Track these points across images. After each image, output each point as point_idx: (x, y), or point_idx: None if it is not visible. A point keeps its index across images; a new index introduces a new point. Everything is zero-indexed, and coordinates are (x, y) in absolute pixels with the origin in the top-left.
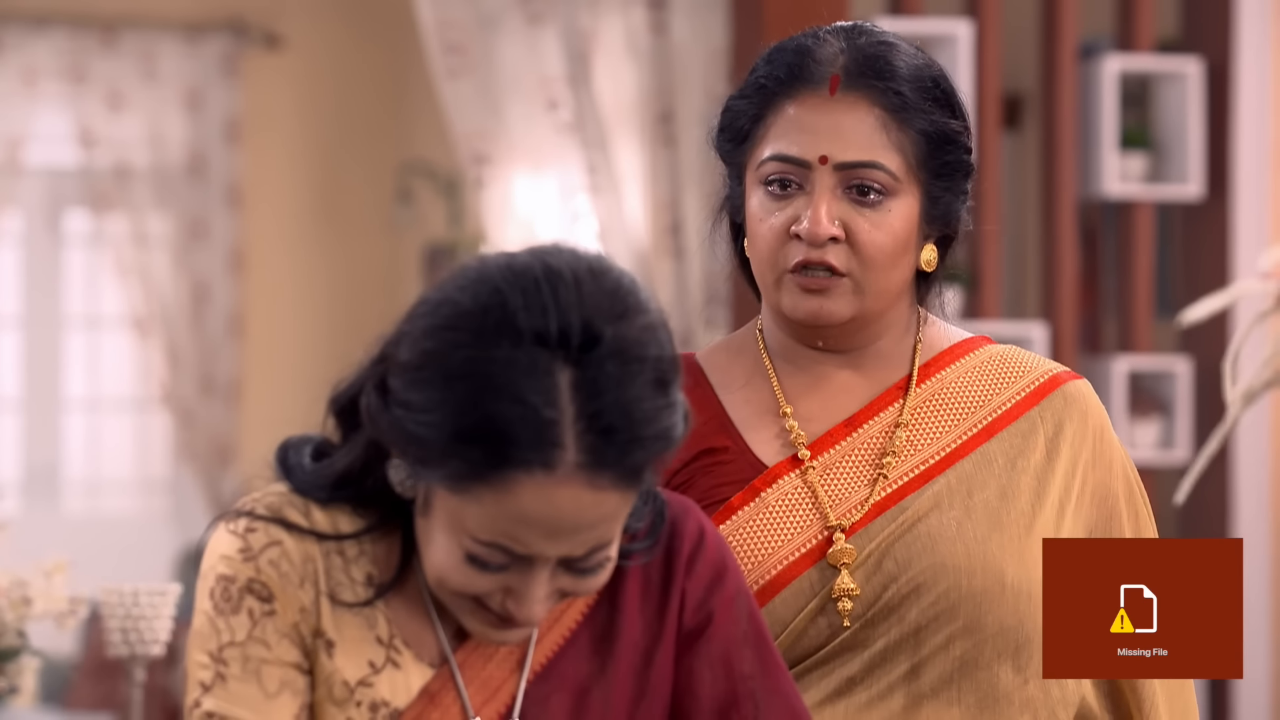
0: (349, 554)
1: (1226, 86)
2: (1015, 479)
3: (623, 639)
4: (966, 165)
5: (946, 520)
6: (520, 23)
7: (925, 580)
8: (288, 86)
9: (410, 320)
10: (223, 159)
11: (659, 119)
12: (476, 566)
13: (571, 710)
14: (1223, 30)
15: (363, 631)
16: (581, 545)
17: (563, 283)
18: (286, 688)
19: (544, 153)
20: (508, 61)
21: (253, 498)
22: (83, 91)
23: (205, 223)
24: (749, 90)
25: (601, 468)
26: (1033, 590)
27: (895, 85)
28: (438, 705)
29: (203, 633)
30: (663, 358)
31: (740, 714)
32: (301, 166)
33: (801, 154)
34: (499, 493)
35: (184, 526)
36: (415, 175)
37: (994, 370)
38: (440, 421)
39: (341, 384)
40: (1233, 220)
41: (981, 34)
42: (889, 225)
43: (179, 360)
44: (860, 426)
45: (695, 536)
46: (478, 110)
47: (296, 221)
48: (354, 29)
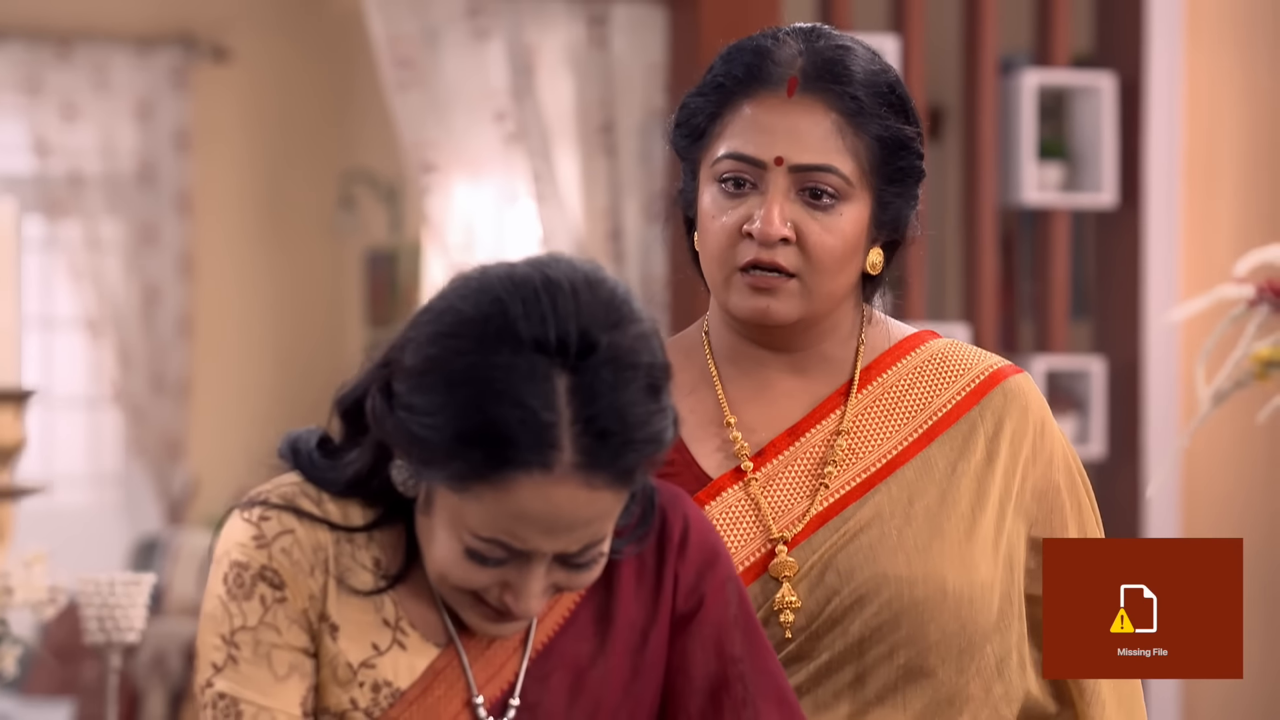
0: (358, 540)
1: (1138, 100)
2: (956, 483)
3: (619, 620)
4: (918, 171)
5: (888, 530)
6: (467, 37)
7: (867, 591)
8: (235, 98)
9: (414, 327)
10: (172, 167)
11: (599, 130)
12: (476, 562)
13: (570, 688)
14: (1135, 47)
15: (368, 615)
16: (577, 542)
17: (561, 293)
18: (295, 671)
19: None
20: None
21: (266, 488)
22: (38, 102)
23: (155, 228)
24: (707, 88)
25: (596, 468)
26: (974, 595)
27: (852, 90)
28: (443, 682)
29: (215, 616)
30: (655, 365)
31: (730, 694)
32: (248, 174)
33: (757, 154)
34: (499, 491)
35: (135, 519)
36: (357, 183)
37: (934, 369)
38: (443, 424)
39: (345, 386)
40: (1144, 227)
41: (906, 49)
42: (839, 229)
43: (130, 360)
44: (802, 435)
45: (685, 523)
46: (426, 121)
47: (243, 227)
48: (299, 43)
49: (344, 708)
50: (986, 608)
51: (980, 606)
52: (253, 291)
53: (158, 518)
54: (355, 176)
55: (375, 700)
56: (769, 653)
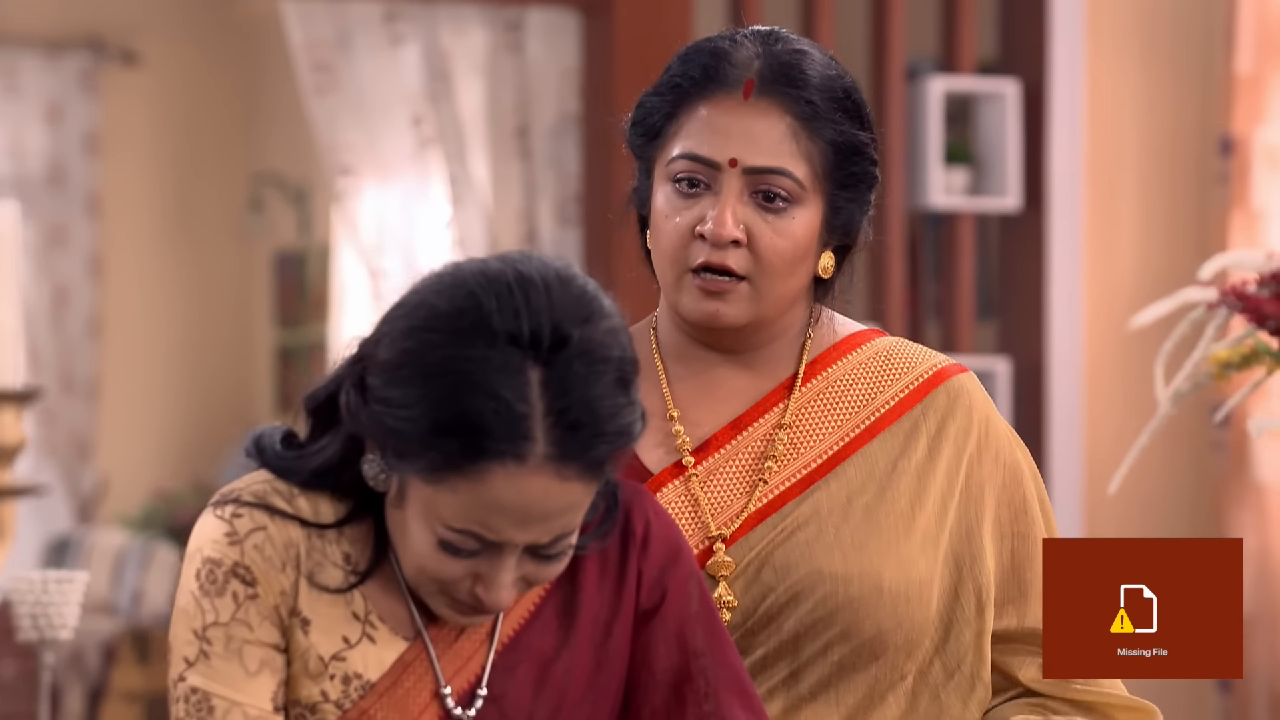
0: (329, 536)
1: (1042, 106)
2: (896, 480)
3: (583, 614)
4: (871, 177)
5: (825, 527)
6: (383, 42)
7: (803, 589)
8: (144, 101)
9: (388, 322)
10: (82, 169)
11: (515, 133)
12: (449, 553)
13: (536, 680)
14: (1038, 54)
15: (338, 609)
16: (548, 533)
17: (534, 288)
18: (266, 666)
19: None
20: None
21: (238, 486)
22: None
23: (65, 230)
24: (663, 88)
25: (568, 459)
26: (910, 592)
27: (807, 94)
28: (411, 675)
29: (188, 611)
30: (624, 359)
31: (693, 686)
32: (157, 177)
33: (711, 154)
34: (473, 482)
35: (45, 519)
36: (266, 185)
37: (879, 366)
38: (419, 416)
39: (316, 384)
40: (1048, 230)
41: None
42: (791, 232)
43: (40, 360)
44: (745, 429)
45: (647, 520)
46: (343, 125)
47: (152, 229)
48: (207, 47)
49: (315, 700)
50: (924, 604)
51: (917, 604)
52: (162, 292)
53: (68, 517)
54: (264, 179)
55: (346, 692)
56: (730, 646)
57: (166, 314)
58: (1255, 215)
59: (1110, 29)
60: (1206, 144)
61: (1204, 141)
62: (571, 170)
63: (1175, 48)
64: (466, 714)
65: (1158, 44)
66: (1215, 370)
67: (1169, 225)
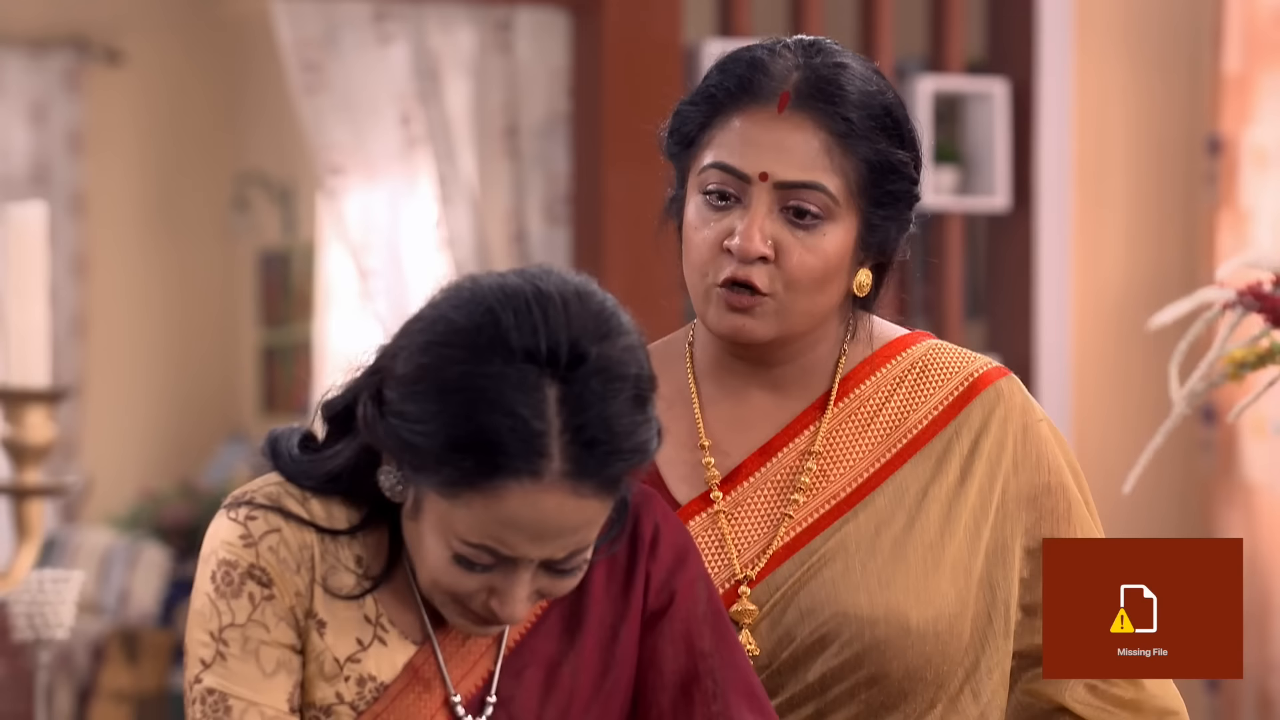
0: (341, 538)
1: (1030, 106)
2: (926, 508)
3: (590, 618)
4: (909, 195)
5: (852, 564)
6: (372, 42)
7: (828, 632)
8: (128, 100)
9: (406, 335)
10: (66, 168)
11: (503, 133)
12: (464, 567)
13: (543, 684)
14: (1026, 54)
15: (352, 611)
16: (563, 549)
17: (552, 304)
18: (282, 668)
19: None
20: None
21: (251, 487)
22: None
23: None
24: (699, 97)
25: (584, 477)
26: (939, 628)
27: (843, 110)
28: (420, 679)
29: (204, 613)
30: (641, 376)
31: (700, 688)
32: (141, 176)
33: (742, 166)
34: (489, 498)
35: None
36: (250, 184)
37: (913, 380)
38: (435, 431)
39: (333, 392)
40: (1036, 229)
41: None
42: (821, 249)
43: None
44: (774, 455)
45: (656, 524)
46: (333, 124)
47: (137, 228)
48: (192, 45)
49: (330, 701)
50: (955, 637)
51: (947, 639)
52: (146, 292)
53: (53, 516)
54: (248, 178)
55: (360, 694)
56: (738, 648)
57: (151, 313)
58: (1243, 215)
59: (1098, 29)
60: (1194, 144)
61: (1192, 141)
62: (560, 170)
63: (1163, 48)
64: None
65: (1146, 44)
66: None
67: (1157, 225)
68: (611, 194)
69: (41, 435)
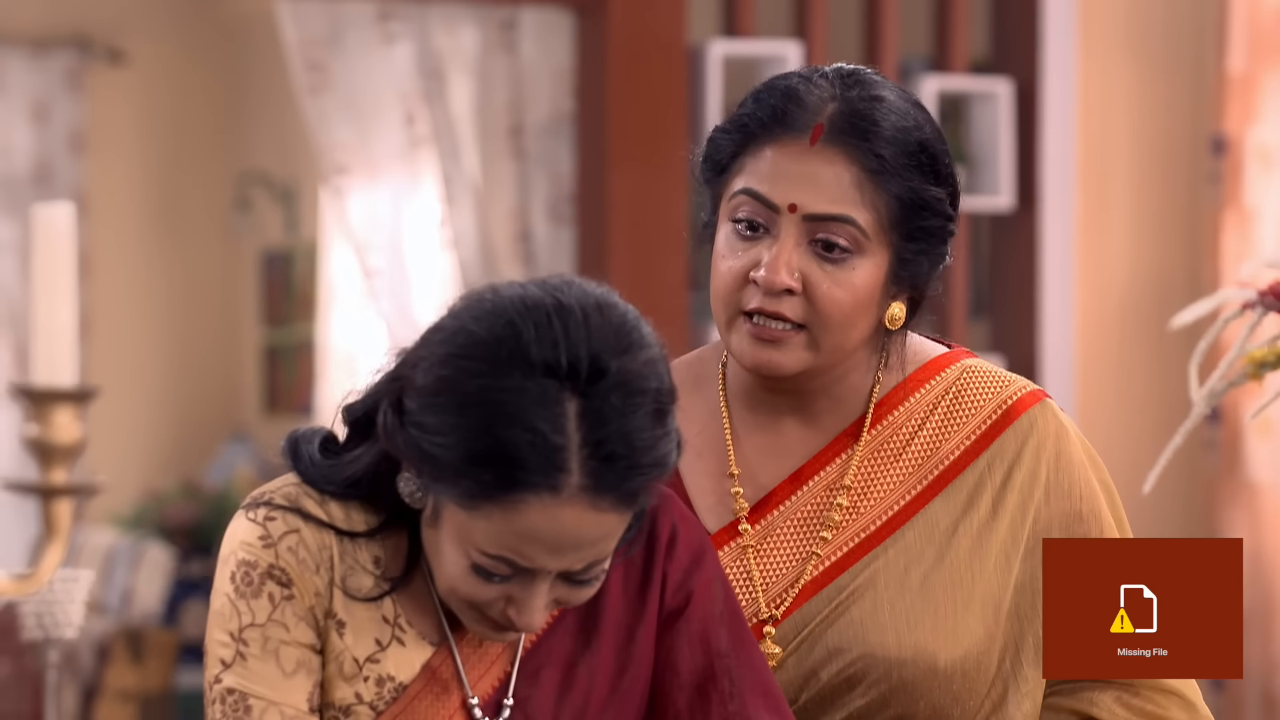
0: (360, 540)
1: (1034, 105)
2: (956, 543)
3: (606, 618)
4: (942, 231)
5: (880, 603)
6: (377, 41)
7: (855, 673)
8: (130, 100)
9: (426, 345)
10: (68, 168)
11: (508, 133)
12: (481, 577)
13: (560, 684)
14: (1030, 53)
15: (371, 611)
16: (581, 560)
17: (572, 318)
18: (302, 667)
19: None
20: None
21: (270, 488)
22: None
23: None
24: (732, 125)
25: (603, 491)
26: (966, 667)
27: (876, 147)
28: (438, 680)
29: (224, 613)
30: (661, 390)
31: (717, 688)
32: (144, 176)
33: (772, 196)
34: (507, 511)
35: (31, 517)
36: (252, 184)
37: (948, 405)
38: (454, 444)
39: (354, 396)
40: (1040, 229)
41: (809, 55)
42: (850, 283)
43: (27, 359)
44: (805, 484)
45: (673, 524)
46: (338, 124)
47: (139, 228)
48: (193, 45)
49: (349, 702)
50: (983, 673)
51: (975, 676)
52: (149, 291)
53: None
54: (250, 178)
55: (379, 694)
56: (754, 648)
57: (153, 313)
58: (1247, 214)
59: (1102, 28)
60: (1198, 143)
61: (1196, 141)
62: (565, 169)
63: (1167, 47)
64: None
65: (1150, 44)
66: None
67: (1161, 224)
68: (616, 193)
69: (69, 435)
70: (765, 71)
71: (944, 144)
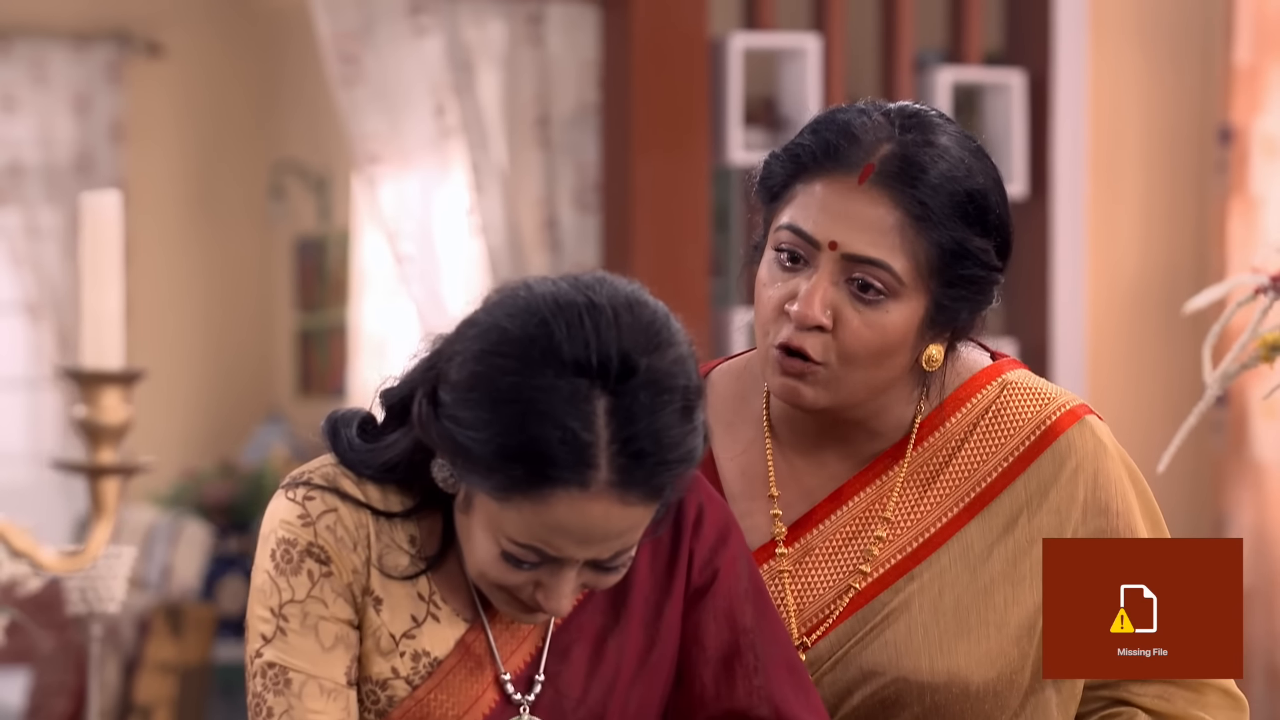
0: (396, 520)
1: (1046, 96)
2: (990, 566)
3: (634, 595)
4: (984, 280)
5: (914, 626)
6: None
7: (888, 696)
8: (169, 91)
9: (461, 339)
10: (108, 158)
11: (535, 123)
12: (511, 564)
13: (590, 659)
14: (1043, 45)
15: (406, 589)
16: (608, 550)
17: (603, 316)
18: (340, 642)
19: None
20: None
21: (309, 468)
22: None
23: None
24: (786, 154)
25: (631, 486)
26: (999, 686)
27: (922, 195)
28: (472, 655)
29: (264, 590)
30: (690, 387)
31: (742, 662)
32: (181, 165)
33: (813, 232)
34: (537, 504)
35: (74, 497)
36: (287, 173)
37: (987, 426)
38: (487, 439)
39: (392, 382)
40: (1052, 217)
41: (828, 48)
42: (881, 325)
43: (68, 343)
44: (843, 505)
45: (700, 503)
46: (369, 115)
47: (177, 216)
48: (230, 38)
49: (386, 676)
50: (1015, 689)
51: (1007, 693)
52: (186, 277)
53: None
54: (285, 167)
55: (415, 669)
56: (778, 623)
57: (191, 298)
58: (1253, 202)
59: (1113, 21)
60: (1206, 133)
61: (1204, 131)
62: (590, 159)
63: (1176, 39)
64: (526, 699)
65: (1159, 36)
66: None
67: (1169, 212)
68: (639, 182)
69: (117, 416)
70: (785, 65)
71: (998, 192)
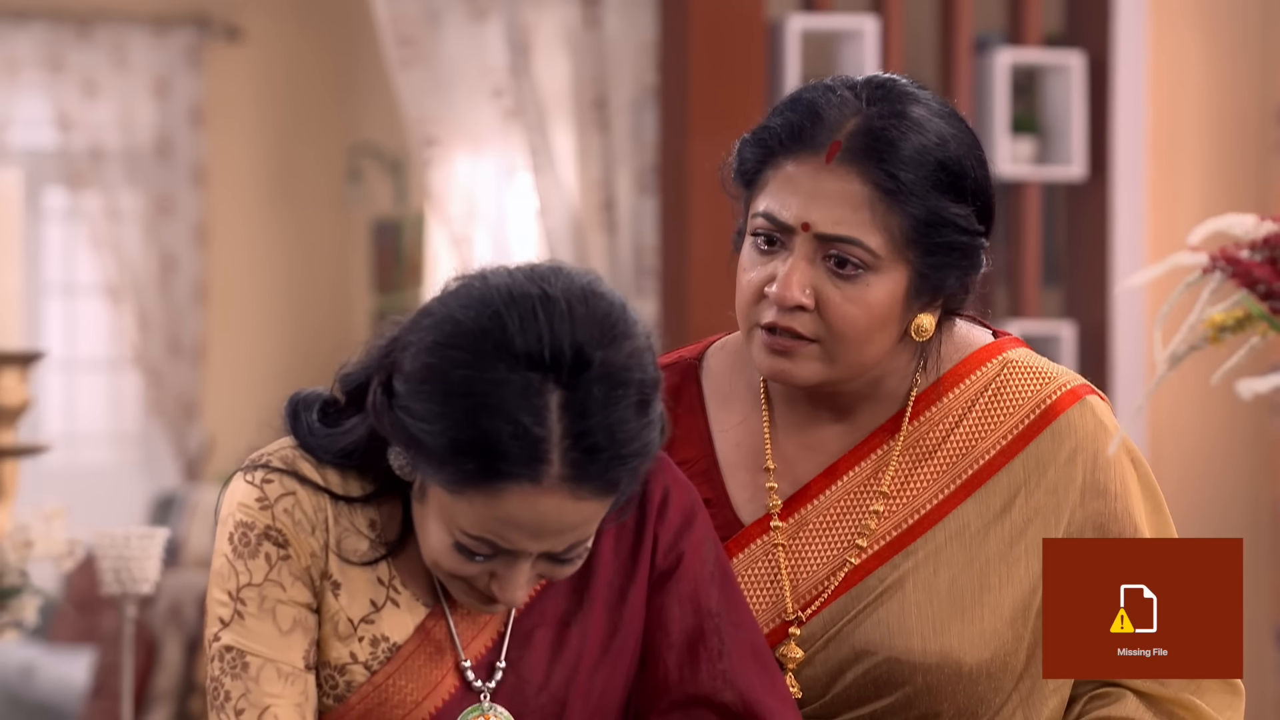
0: (356, 504)
1: (1106, 77)
2: (986, 546)
3: (598, 579)
4: (964, 245)
5: (908, 604)
6: (466, 18)
7: (880, 675)
8: (247, 75)
9: (415, 330)
10: (188, 141)
11: (593, 105)
12: (464, 555)
13: (552, 644)
14: (1103, 26)
15: (366, 573)
16: (562, 543)
17: (557, 308)
18: (298, 626)
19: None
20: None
21: (267, 451)
22: (60, 79)
23: (172, 199)
24: (757, 138)
25: (584, 481)
26: (993, 668)
27: (891, 168)
28: (432, 640)
29: (222, 573)
30: (645, 380)
31: (706, 646)
32: (260, 148)
33: (784, 216)
34: (489, 498)
35: (153, 476)
36: (364, 156)
37: (986, 404)
38: (439, 432)
39: (349, 366)
40: (1112, 198)
41: (886, 29)
42: (863, 299)
43: (148, 324)
44: (839, 479)
45: (665, 487)
46: (428, 97)
47: (255, 198)
48: (307, 22)
49: (344, 661)
50: (1009, 671)
51: (1000, 675)
52: (264, 260)
53: (175, 475)
54: (361, 150)
55: (374, 654)
56: (744, 607)
57: (269, 280)
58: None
59: (1172, 2)
60: (1266, 113)
61: (1263, 111)
62: (649, 141)
63: (1235, 20)
64: (486, 686)
65: (1218, 17)
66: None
67: (1229, 192)
68: (697, 164)
69: (16, 397)
70: (843, 47)
71: (973, 157)
